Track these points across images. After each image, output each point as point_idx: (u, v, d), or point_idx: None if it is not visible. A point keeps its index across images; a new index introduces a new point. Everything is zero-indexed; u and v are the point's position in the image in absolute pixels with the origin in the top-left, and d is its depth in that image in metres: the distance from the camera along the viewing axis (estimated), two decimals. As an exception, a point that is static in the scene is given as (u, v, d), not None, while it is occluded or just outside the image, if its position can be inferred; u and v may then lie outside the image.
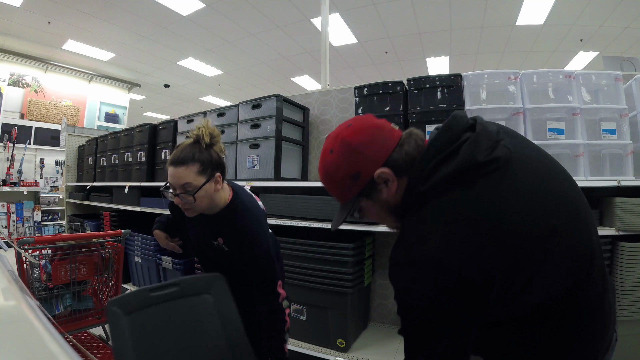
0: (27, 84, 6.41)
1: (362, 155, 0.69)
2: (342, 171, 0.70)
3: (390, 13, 5.18)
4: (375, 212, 0.75)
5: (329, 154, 0.72)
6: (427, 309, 0.60)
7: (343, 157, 0.70)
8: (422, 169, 0.66)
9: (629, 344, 1.66)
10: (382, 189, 0.70)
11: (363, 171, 0.69)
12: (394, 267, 0.65)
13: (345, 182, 0.71)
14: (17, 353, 0.39)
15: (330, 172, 0.72)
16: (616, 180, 1.72)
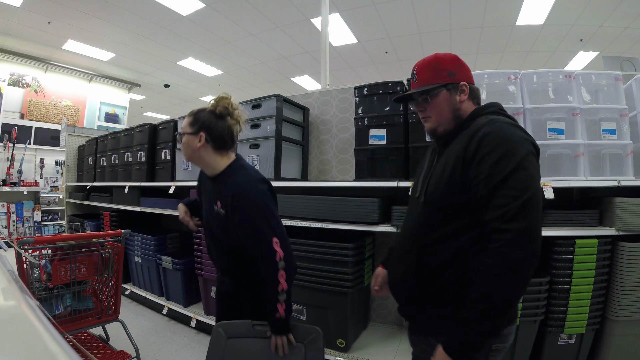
0: (27, 84, 6.41)
1: (463, 69, 1.00)
2: (447, 65, 0.97)
3: (390, 13, 5.18)
4: (442, 105, 0.97)
5: (442, 55, 0.99)
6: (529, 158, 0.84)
7: (453, 61, 0.99)
8: (498, 108, 1.01)
9: (629, 344, 1.67)
10: (460, 94, 0.97)
11: (458, 75, 0.98)
12: (505, 124, 0.89)
13: (443, 72, 0.97)
14: (17, 353, 0.39)
15: (438, 61, 0.98)
16: (616, 180, 1.72)
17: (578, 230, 1.69)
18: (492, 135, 0.86)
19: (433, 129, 1.01)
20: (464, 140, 0.90)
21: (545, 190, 1.69)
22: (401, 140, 2.01)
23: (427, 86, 0.97)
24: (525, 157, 0.82)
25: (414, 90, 1.00)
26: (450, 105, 0.97)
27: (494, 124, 0.88)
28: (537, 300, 1.66)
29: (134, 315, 3.05)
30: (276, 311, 1.19)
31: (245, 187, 1.24)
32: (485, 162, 0.83)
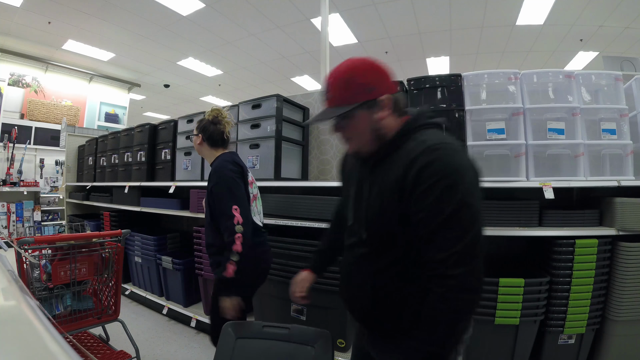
0: (27, 84, 6.41)
1: (383, 79, 0.86)
2: (363, 79, 0.84)
3: (390, 13, 5.18)
4: (363, 124, 0.87)
5: (357, 64, 0.85)
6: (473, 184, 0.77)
7: (371, 71, 0.85)
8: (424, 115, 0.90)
9: (629, 344, 1.67)
10: (380, 110, 0.86)
11: (377, 89, 0.85)
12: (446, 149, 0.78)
13: (360, 88, 0.84)
14: (17, 353, 0.39)
15: (353, 74, 0.85)
16: (616, 180, 1.72)
17: (578, 230, 1.69)
18: (432, 167, 0.75)
19: (356, 151, 0.93)
20: (399, 170, 0.81)
21: (545, 190, 1.69)
22: (401, 140, 2.01)
23: (341, 108, 0.84)
24: (468, 191, 0.74)
25: (326, 116, 0.87)
26: (370, 125, 0.86)
27: (433, 153, 0.77)
28: (537, 300, 1.66)
29: (134, 315, 3.04)
30: (225, 270, 1.41)
31: (217, 166, 1.61)
32: (425, 199, 0.76)
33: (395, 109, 0.88)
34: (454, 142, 0.81)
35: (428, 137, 0.82)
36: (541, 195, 1.69)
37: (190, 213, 2.72)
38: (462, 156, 0.79)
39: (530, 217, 1.81)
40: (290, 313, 2.22)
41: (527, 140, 1.80)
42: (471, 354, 1.78)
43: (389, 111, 0.86)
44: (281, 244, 2.20)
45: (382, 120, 0.86)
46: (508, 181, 1.78)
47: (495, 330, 1.69)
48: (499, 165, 1.83)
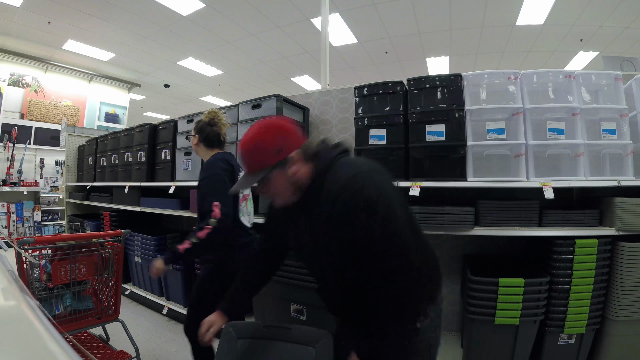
0: (27, 84, 6.41)
1: (289, 137, 0.95)
2: (271, 143, 0.93)
3: (390, 13, 5.18)
4: (280, 183, 0.96)
5: (262, 130, 0.94)
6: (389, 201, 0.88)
7: (274, 134, 0.94)
8: (328, 151, 0.99)
9: (629, 344, 1.67)
10: (293, 166, 0.95)
11: (285, 149, 0.94)
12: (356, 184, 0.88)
13: (269, 152, 0.93)
14: (17, 353, 0.39)
15: (260, 142, 0.93)
16: (616, 180, 1.72)
17: (578, 230, 1.70)
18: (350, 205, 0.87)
19: (282, 204, 1.02)
20: (325, 214, 0.92)
21: (545, 190, 1.69)
22: (401, 140, 2.01)
23: (258, 173, 0.94)
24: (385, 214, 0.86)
25: (247, 184, 0.99)
26: (287, 181, 0.96)
27: (346, 192, 0.88)
28: (537, 300, 1.66)
29: (134, 315, 3.04)
30: (180, 244, 1.50)
31: (208, 162, 1.70)
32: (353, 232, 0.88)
33: (306, 158, 0.96)
34: (362, 168, 0.93)
35: (339, 175, 0.92)
36: (541, 195, 1.69)
37: (190, 213, 2.72)
38: (371, 183, 0.89)
39: (530, 217, 1.81)
40: (291, 313, 2.21)
41: (527, 140, 1.80)
42: (471, 354, 1.78)
43: (300, 163, 0.96)
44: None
45: (296, 173, 0.95)
46: (508, 181, 1.78)
47: (495, 330, 1.69)
48: (499, 165, 1.83)
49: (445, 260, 2.35)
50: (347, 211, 0.87)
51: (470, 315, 1.70)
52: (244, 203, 1.75)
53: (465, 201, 1.98)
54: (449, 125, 1.89)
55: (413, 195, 1.86)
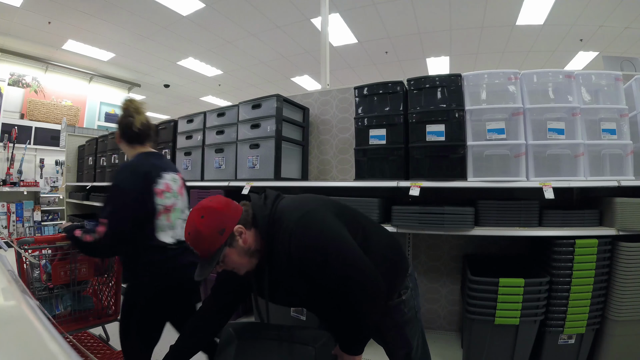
0: (27, 84, 6.40)
1: (225, 216, 1.00)
2: (212, 228, 0.97)
3: (390, 13, 5.18)
4: (235, 257, 1.01)
5: (200, 219, 0.98)
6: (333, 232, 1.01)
7: (212, 218, 0.99)
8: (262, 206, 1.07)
9: (629, 344, 1.67)
10: (240, 238, 1.01)
11: (227, 227, 0.99)
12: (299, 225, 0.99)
13: (213, 236, 0.97)
14: (17, 353, 0.39)
15: (202, 229, 0.97)
16: (616, 180, 1.72)
17: (578, 230, 1.70)
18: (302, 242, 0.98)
19: (246, 274, 1.07)
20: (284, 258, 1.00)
21: (545, 190, 1.69)
22: (401, 140, 2.01)
23: (210, 258, 0.99)
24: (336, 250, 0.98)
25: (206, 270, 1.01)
26: (242, 253, 1.02)
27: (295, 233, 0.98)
28: (537, 300, 1.66)
29: (134, 315, 3.04)
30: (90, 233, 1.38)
31: (120, 167, 1.54)
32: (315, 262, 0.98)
33: (247, 225, 1.03)
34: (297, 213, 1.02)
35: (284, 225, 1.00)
36: (541, 195, 1.69)
37: (190, 213, 2.72)
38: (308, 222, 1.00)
39: (530, 217, 1.81)
40: (291, 313, 2.22)
41: (527, 140, 1.80)
42: (471, 354, 1.78)
43: (245, 232, 1.01)
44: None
45: (247, 242, 1.01)
46: (508, 181, 1.78)
47: (495, 330, 1.69)
48: (499, 165, 1.83)
49: (445, 260, 2.35)
50: (302, 250, 0.97)
51: (470, 315, 1.70)
52: (166, 216, 1.45)
53: (465, 201, 1.98)
54: (449, 125, 1.89)
55: (413, 195, 1.86)
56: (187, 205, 1.61)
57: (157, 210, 1.41)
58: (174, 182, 1.51)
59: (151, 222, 1.40)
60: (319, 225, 1.00)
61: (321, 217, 1.03)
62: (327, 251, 0.97)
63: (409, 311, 1.18)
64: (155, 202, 1.40)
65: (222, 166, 2.64)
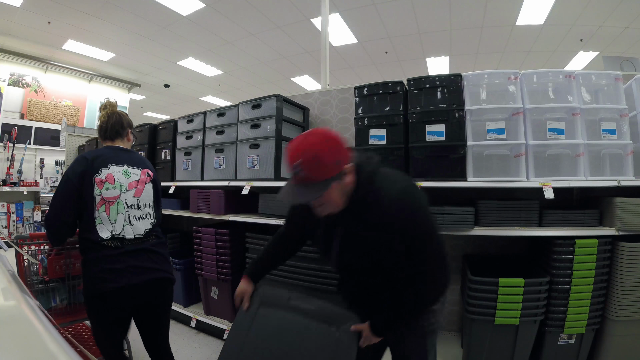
0: (27, 84, 6.40)
1: (344, 150, 1.00)
2: (332, 156, 0.96)
3: (390, 13, 5.18)
4: (335, 194, 1.01)
5: (323, 142, 0.96)
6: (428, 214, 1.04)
7: (335, 147, 0.97)
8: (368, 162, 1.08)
9: (629, 344, 1.67)
10: (346, 176, 1.00)
11: (342, 161, 0.99)
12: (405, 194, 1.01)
13: (330, 165, 0.96)
14: (17, 353, 0.39)
15: (322, 154, 0.94)
16: (616, 180, 1.72)
17: (578, 230, 1.69)
18: (403, 211, 1.00)
19: (329, 214, 1.06)
20: (374, 216, 1.02)
21: (545, 190, 1.69)
22: (401, 140, 2.01)
23: (317, 185, 0.96)
24: (428, 218, 1.03)
25: (308, 197, 0.98)
26: (341, 191, 1.02)
27: (399, 201, 1.00)
28: (537, 300, 1.66)
29: (134, 315, 3.04)
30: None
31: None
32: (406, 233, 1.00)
33: (354, 169, 1.03)
34: (403, 184, 1.05)
35: (386, 188, 1.02)
36: (541, 195, 1.69)
37: (190, 213, 2.72)
38: (413, 196, 1.03)
39: (530, 217, 1.81)
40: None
41: (527, 140, 1.80)
42: (471, 354, 1.78)
43: (351, 174, 1.02)
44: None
45: (348, 184, 1.02)
46: (508, 181, 1.78)
47: (495, 330, 1.69)
48: (499, 165, 1.83)
49: (445, 260, 2.35)
50: (398, 218, 0.99)
51: (470, 315, 1.70)
52: (106, 208, 1.39)
53: (465, 201, 1.98)
54: (449, 125, 1.89)
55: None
56: (147, 203, 1.53)
57: (94, 201, 1.38)
58: (124, 175, 1.48)
59: (90, 212, 1.38)
60: (420, 202, 1.02)
61: (423, 197, 1.04)
62: (422, 228, 1.00)
63: (434, 323, 1.18)
64: (94, 192, 1.39)
65: (222, 166, 2.64)
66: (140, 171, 1.56)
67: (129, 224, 1.44)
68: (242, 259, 2.47)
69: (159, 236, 1.56)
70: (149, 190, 1.57)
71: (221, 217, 2.50)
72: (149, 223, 1.52)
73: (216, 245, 2.51)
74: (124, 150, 1.59)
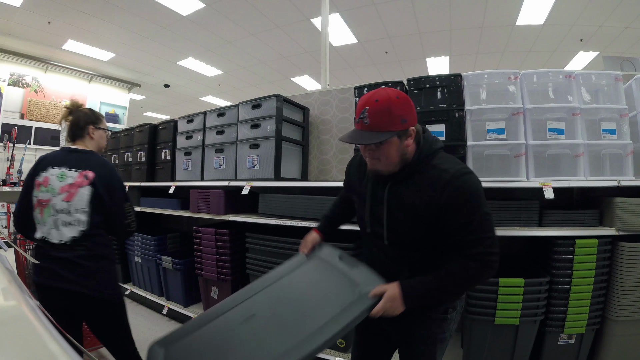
0: (27, 84, 6.40)
1: (413, 112, 1.02)
2: (400, 111, 0.97)
3: (390, 13, 5.18)
4: (393, 150, 1.01)
5: (395, 97, 0.97)
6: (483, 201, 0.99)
7: (405, 104, 0.99)
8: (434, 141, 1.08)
9: (629, 344, 1.67)
10: (408, 138, 1.01)
11: (409, 120, 1.00)
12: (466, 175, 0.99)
13: (397, 119, 0.97)
14: (17, 353, 0.39)
15: (393, 106, 0.96)
16: (616, 180, 1.72)
17: (578, 230, 1.69)
18: (460, 192, 0.97)
19: (378, 171, 1.06)
20: (430, 193, 1.00)
21: (545, 190, 1.69)
22: (401, 140, 2.01)
23: (380, 134, 0.97)
24: (485, 205, 0.99)
25: (366, 140, 0.99)
26: (400, 151, 1.02)
27: (457, 180, 0.98)
28: (537, 300, 1.66)
29: (133, 315, 3.04)
30: None
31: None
32: (459, 214, 0.98)
33: (417, 136, 1.05)
34: (464, 166, 1.02)
35: (447, 165, 1.01)
36: (541, 195, 1.69)
37: (190, 213, 2.72)
38: (474, 179, 1.00)
39: (530, 217, 1.81)
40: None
41: (527, 140, 1.80)
42: (471, 354, 1.78)
43: (412, 139, 1.02)
44: (281, 244, 2.20)
45: (408, 147, 1.02)
46: (508, 181, 1.78)
47: (495, 330, 1.70)
48: (499, 165, 1.83)
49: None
50: (457, 198, 0.97)
51: (470, 315, 1.70)
52: (38, 210, 1.44)
53: (465, 201, 1.98)
54: (449, 125, 1.89)
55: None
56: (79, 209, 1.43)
57: (33, 202, 1.45)
58: (58, 178, 1.44)
59: (32, 211, 1.45)
60: (479, 185, 1.00)
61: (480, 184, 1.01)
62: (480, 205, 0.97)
63: (446, 331, 1.14)
64: (33, 194, 1.45)
65: (222, 166, 2.64)
66: (77, 174, 1.45)
67: (54, 228, 1.41)
68: (242, 259, 2.47)
69: (92, 248, 1.43)
70: (83, 194, 1.43)
71: (221, 217, 2.50)
72: (76, 230, 1.41)
73: (216, 245, 2.51)
74: (74, 152, 1.53)
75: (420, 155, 1.03)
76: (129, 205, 1.63)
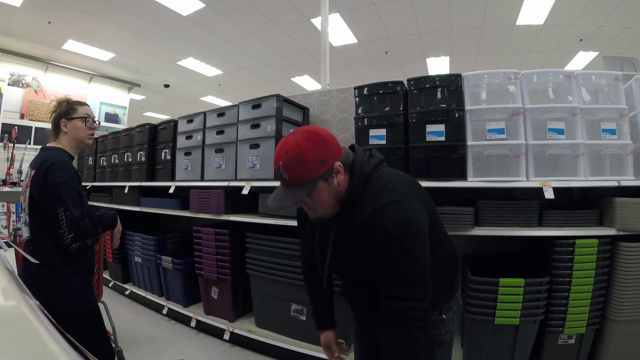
0: (27, 84, 6.40)
1: (330, 148, 0.92)
2: (315, 154, 0.89)
3: (390, 13, 5.18)
4: (324, 195, 0.94)
5: (305, 141, 0.89)
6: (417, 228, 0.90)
7: (318, 145, 0.90)
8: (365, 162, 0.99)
9: (629, 344, 1.67)
10: (336, 177, 0.93)
11: (329, 159, 0.91)
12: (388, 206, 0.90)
13: (314, 164, 0.89)
14: (17, 353, 0.39)
15: (305, 153, 0.88)
16: (616, 180, 1.72)
17: (578, 230, 1.70)
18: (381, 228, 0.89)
19: (321, 218, 1.00)
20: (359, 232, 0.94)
21: (545, 190, 1.69)
22: (401, 140, 2.01)
23: (301, 187, 0.90)
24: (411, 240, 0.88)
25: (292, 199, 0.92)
26: (332, 193, 0.94)
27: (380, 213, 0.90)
28: (537, 300, 1.66)
29: (133, 315, 3.04)
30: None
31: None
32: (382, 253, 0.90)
33: (345, 168, 0.96)
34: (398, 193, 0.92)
35: (372, 196, 0.93)
36: (541, 195, 1.69)
37: (190, 213, 2.72)
38: (403, 207, 0.90)
39: (530, 217, 1.81)
40: (290, 313, 2.22)
41: (527, 140, 1.80)
42: (471, 354, 1.78)
43: (341, 174, 0.94)
44: (281, 244, 2.20)
45: (340, 184, 0.95)
46: (508, 181, 1.78)
47: (495, 330, 1.70)
48: (499, 165, 1.83)
49: (445, 260, 2.35)
50: (378, 235, 0.89)
51: (470, 315, 1.70)
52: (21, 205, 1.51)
53: (465, 201, 1.98)
54: (449, 125, 1.89)
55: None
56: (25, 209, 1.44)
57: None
58: (26, 178, 1.49)
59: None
60: (410, 217, 0.89)
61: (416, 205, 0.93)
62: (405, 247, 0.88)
63: (445, 333, 1.10)
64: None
65: (222, 166, 2.64)
66: (30, 172, 1.46)
67: (24, 224, 1.46)
68: (242, 259, 2.47)
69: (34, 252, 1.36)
70: (27, 194, 1.42)
71: (221, 217, 2.50)
72: (27, 230, 1.42)
73: (216, 245, 2.51)
74: (43, 150, 1.54)
75: (352, 187, 0.95)
76: (62, 211, 1.33)
